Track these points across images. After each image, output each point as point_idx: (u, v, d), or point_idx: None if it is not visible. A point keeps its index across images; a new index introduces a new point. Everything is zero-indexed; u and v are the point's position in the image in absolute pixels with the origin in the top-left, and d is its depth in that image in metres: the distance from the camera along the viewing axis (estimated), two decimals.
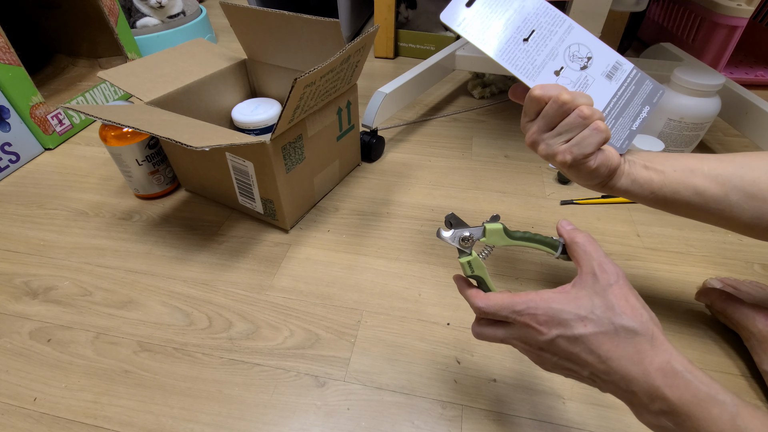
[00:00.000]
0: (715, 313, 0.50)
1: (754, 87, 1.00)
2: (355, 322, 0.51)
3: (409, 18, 1.19)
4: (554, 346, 0.28)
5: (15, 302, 0.53)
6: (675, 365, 0.25)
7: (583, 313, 0.27)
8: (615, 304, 0.27)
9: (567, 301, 0.28)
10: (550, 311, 0.28)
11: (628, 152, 0.37)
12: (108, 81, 0.58)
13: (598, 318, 0.26)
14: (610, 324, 0.26)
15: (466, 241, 0.33)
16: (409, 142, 0.82)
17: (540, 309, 0.28)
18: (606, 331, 0.26)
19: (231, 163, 0.57)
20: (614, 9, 0.72)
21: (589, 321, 0.27)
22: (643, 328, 0.26)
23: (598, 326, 0.26)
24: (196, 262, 0.58)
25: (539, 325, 0.28)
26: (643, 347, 0.26)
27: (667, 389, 0.25)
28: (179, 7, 1.10)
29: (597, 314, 0.27)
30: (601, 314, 0.26)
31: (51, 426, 0.42)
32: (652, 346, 0.26)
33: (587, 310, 0.27)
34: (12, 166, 0.75)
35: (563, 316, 0.27)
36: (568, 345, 0.27)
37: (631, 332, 0.26)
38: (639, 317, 0.26)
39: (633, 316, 0.26)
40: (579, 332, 0.27)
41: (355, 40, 0.52)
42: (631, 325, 0.26)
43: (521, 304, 0.29)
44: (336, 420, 0.42)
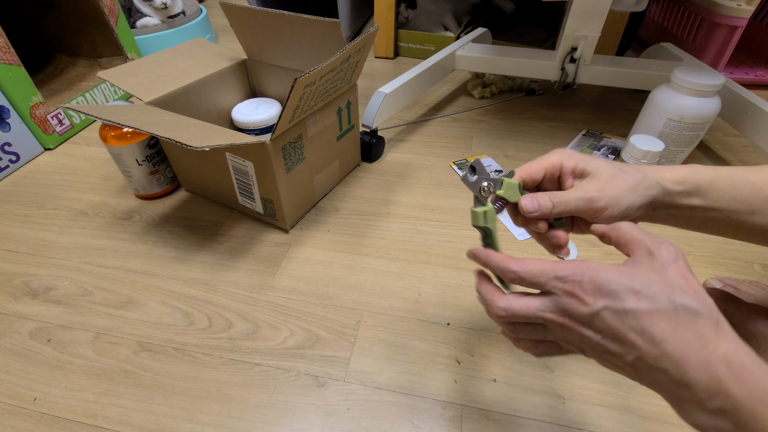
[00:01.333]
0: None
1: (754, 87, 1.00)
2: (355, 322, 0.51)
3: (409, 18, 1.19)
4: (598, 321, 0.24)
5: (15, 302, 0.53)
6: (743, 356, 0.22)
7: (638, 287, 0.23)
8: (675, 282, 0.23)
9: (619, 272, 0.24)
10: (598, 279, 0.24)
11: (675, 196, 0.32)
12: (108, 81, 0.58)
13: (655, 294, 0.23)
14: (669, 301, 0.22)
15: (484, 191, 0.32)
16: (409, 142, 0.82)
17: (587, 276, 0.24)
18: (663, 309, 0.22)
19: (231, 163, 0.57)
20: (614, 9, 0.72)
21: (643, 296, 0.23)
22: (707, 310, 0.22)
23: (653, 303, 0.23)
24: (196, 262, 0.58)
25: (584, 293, 0.24)
26: (706, 332, 0.22)
27: (732, 383, 0.21)
28: (179, 7, 1.10)
29: (654, 290, 0.23)
30: (658, 290, 0.23)
31: (51, 426, 0.42)
32: (717, 332, 0.22)
33: (643, 284, 0.23)
34: (12, 166, 0.75)
35: (613, 286, 0.23)
36: (615, 320, 0.23)
37: (694, 313, 0.22)
38: (702, 299, 0.23)
39: (695, 297, 0.23)
40: (630, 306, 0.23)
41: (355, 40, 0.52)
42: (694, 305, 0.22)
43: (565, 270, 0.25)
44: (336, 420, 0.42)
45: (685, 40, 1.02)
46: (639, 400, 0.43)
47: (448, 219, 0.65)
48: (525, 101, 0.96)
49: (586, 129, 0.85)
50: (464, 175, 0.32)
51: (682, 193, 0.32)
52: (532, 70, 0.85)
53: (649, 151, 0.63)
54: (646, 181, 0.31)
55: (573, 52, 0.78)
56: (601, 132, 0.84)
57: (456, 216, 0.65)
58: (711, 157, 0.78)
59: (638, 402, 0.43)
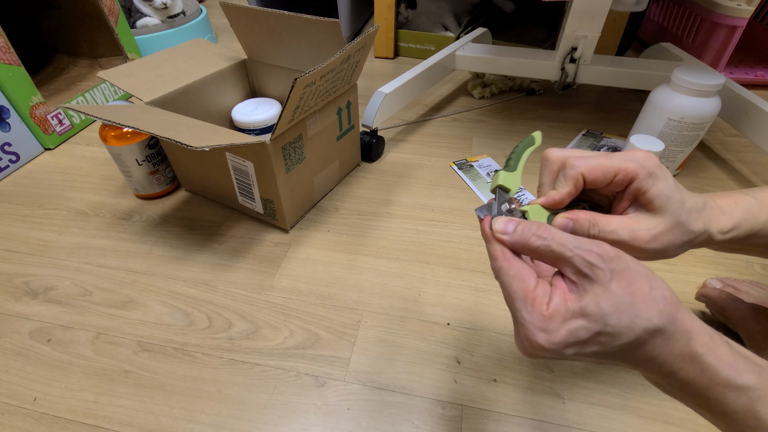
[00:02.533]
0: (716, 313, 0.50)
1: (754, 87, 1.00)
2: (355, 322, 0.51)
3: (409, 18, 1.19)
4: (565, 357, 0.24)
5: (15, 302, 0.53)
6: (695, 347, 0.23)
7: (597, 327, 0.22)
8: (627, 302, 0.22)
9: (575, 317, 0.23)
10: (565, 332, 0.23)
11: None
12: (108, 81, 0.58)
13: (614, 329, 0.22)
14: (630, 332, 0.22)
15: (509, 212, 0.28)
16: (409, 142, 0.82)
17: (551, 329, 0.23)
18: (627, 342, 0.23)
19: (231, 163, 0.57)
20: (614, 9, 0.72)
21: (605, 336, 0.23)
22: (663, 319, 0.22)
23: (617, 339, 0.23)
24: (196, 262, 0.58)
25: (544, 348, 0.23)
26: (664, 341, 0.23)
27: (681, 372, 0.23)
28: (179, 7, 1.10)
29: (612, 324, 0.22)
30: (616, 322, 0.22)
31: (51, 426, 0.42)
32: (672, 334, 0.23)
33: (600, 321, 0.22)
34: (12, 166, 0.75)
35: (576, 335, 0.23)
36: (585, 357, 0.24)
37: (653, 333, 0.22)
38: (654, 306, 0.22)
39: (648, 308, 0.22)
40: (598, 350, 0.23)
41: (355, 40, 0.52)
42: (652, 324, 0.22)
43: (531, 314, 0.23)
44: (336, 420, 0.42)
45: (685, 40, 1.02)
46: (639, 400, 0.43)
47: (448, 219, 0.65)
48: (525, 101, 0.96)
49: (586, 129, 0.86)
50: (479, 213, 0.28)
51: (727, 240, 0.30)
52: (532, 70, 0.85)
53: (649, 151, 0.63)
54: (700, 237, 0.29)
55: (573, 52, 0.78)
56: (601, 132, 0.84)
57: (456, 216, 0.65)
58: (711, 157, 0.78)
59: (638, 402, 0.43)
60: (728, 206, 0.30)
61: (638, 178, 0.27)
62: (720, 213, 0.29)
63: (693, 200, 0.28)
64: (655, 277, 0.24)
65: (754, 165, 0.76)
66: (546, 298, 0.23)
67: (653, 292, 0.23)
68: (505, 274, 0.25)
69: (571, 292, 0.23)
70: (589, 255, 0.23)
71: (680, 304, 0.24)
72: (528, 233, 0.24)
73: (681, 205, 0.27)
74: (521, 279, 0.24)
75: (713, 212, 0.29)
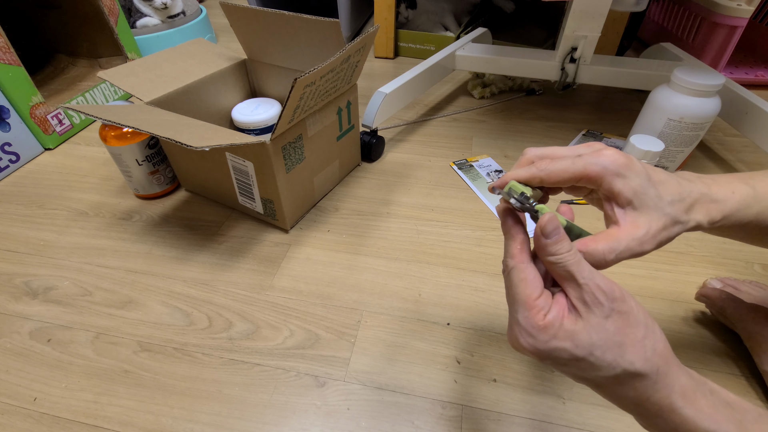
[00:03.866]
0: (715, 313, 0.50)
1: (754, 87, 1.00)
2: (355, 322, 0.51)
3: (409, 18, 1.19)
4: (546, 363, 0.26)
5: (15, 302, 0.53)
6: (674, 401, 0.24)
7: (581, 354, 0.24)
8: (616, 342, 0.24)
9: (564, 337, 0.24)
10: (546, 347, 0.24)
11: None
12: (108, 81, 0.58)
13: (598, 361, 0.24)
14: (611, 369, 0.24)
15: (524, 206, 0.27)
16: (409, 142, 0.82)
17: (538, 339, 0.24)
18: (606, 376, 0.24)
19: (231, 163, 0.57)
20: (614, 9, 0.72)
21: (586, 363, 0.24)
22: (646, 366, 0.24)
23: (595, 370, 0.24)
24: (196, 262, 0.58)
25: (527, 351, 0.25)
26: (643, 386, 0.24)
27: (660, 420, 0.24)
28: (179, 7, 1.10)
29: (596, 356, 0.24)
30: (601, 355, 0.23)
31: (51, 426, 0.42)
32: (654, 383, 0.24)
33: (586, 350, 0.24)
34: (12, 166, 0.75)
35: (557, 354, 0.24)
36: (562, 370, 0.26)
37: (633, 375, 0.24)
38: (642, 352, 0.24)
39: (635, 352, 0.23)
40: (574, 372, 0.25)
41: (355, 40, 0.52)
42: (634, 367, 0.23)
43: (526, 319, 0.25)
44: (336, 420, 0.42)
45: (685, 40, 1.02)
46: None
47: (448, 219, 0.65)
48: (525, 101, 0.96)
49: (586, 129, 0.85)
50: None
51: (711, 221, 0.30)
52: (532, 70, 0.85)
53: (649, 151, 0.63)
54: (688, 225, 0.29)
55: (573, 52, 0.78)
56: (601, 132, 0.84)
57: (456, 216, 0.65)
58: (711, 157, 0.78)
59: None
60: (723, 196, 0.30)
61: (603, 180, 0.27)
62: (712, 203, 0.29)
63: (677, 191, 0.28)
64: (654, 327, 0.25)
65: (754, 165, 0.76)
66: (545, 310, 0.24)
67: (645, 341, 0.24)
68: (516, 275, 0.26)
69: (569, 312, 0.25)
70: (597, 289, 0.24)
71: (670, 358, 0.25)
72: (562, 249, 0.25)
73: (659, 199, 0.27)
74: (528, 285, 0.25)
75: (704, 203, 0.29)
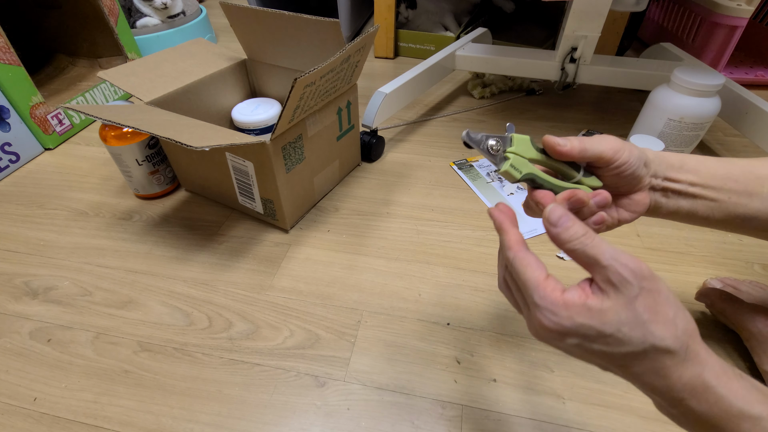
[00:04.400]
0: (715, 313, 0.50)
1: (754, 87, 1.00)
2: (355, 322, 0.51)
3: (409, 18, 1.19)
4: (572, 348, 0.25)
5: (15, 302, 0.53)
6: (707, 379, 0.23)
7: (609, 331, 0.23)
8: (646, 320, 0.23)
9: (590, 315, 0.24)
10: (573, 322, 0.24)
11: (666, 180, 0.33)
12: (108, 81, 0.58)
13: (626, 336, 0.23)
14: (640, 343, 0.23)
15: (494, 148, 0.29)
16: (409, 142, 0.82)
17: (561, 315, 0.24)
18: (633, 352, 0.24)
19: (231, 163, 0.57)
20: (614, 9, 0.72)
21: (613, 339, 0.23)
22: (676, 343, 0.23)
23: (623, 345, 0.24)
24: (196, 262, 0.58)
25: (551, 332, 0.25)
26: (673, 363, 0.24)
27: (693, 401, 0.23)
28: (179, 7, 1.10)
29: (624, 332, 0.23)
30: (629, 332, 0.23)
31: (51, 426, 0.42)
32: (684, 360, 0.24)
33: (614, 327, 0.23)
34: (12, 166, 0.75)
35: (583, 331, 0.24)
36: (589, 352, 0.25)
37: (662, 351, 0.23)
38: (672, 330, 0.23)
39: (665, 329, 0.23)
40: (598, 348, 0.24)
41: (355, 40, 0.52)
42: (664, 344, 0.23)
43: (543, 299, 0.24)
44: (336, 420, 0.42)
45: (685, 40, 1.02)
46: (639, 400, 0.43)
47: (448, 219, 0.65)
48: (525, 101, 0.96)
49: (586, 129, 0.85)
50: (465, 135, 0.29)
51: (671, 166, 0.33)
52: (532, 70, 0.85)
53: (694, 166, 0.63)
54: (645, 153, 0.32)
55: (573, 52, 0.78)
56: (601, 132, 0.84)
57: (456, 216, 0.65)
58: None
59: (638, 402, 0.43)
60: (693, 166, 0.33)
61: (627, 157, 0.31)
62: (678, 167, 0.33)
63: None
64: (682, 308, 0.25)
65: None
66: (559, 287, 0.25)
67: (675, 319, 0.24)
68: (519, 263, 0.26)
69: (594, 293, 0.24)
70: (623, 268, 0.23)
71: (698, 338, 0.25)
72: (576, 234, 0.25)
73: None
74: (534, 267, 0.25)
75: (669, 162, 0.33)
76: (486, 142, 0.29)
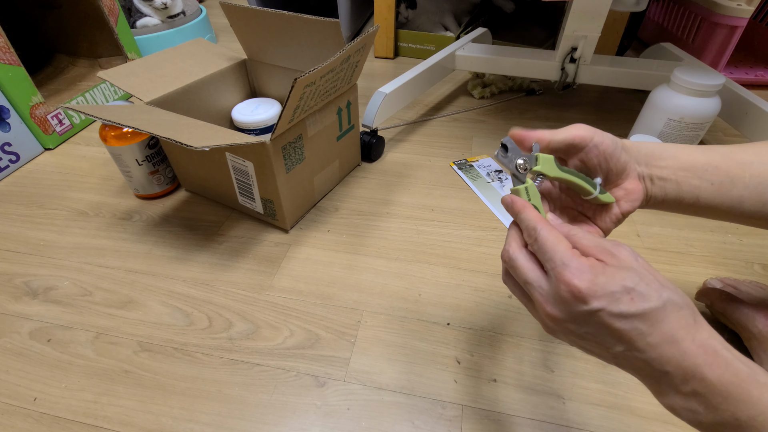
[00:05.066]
0: (716, 313, 0.50)
1: (754, 87, 1.00)
2: (355, 322, 0.51)
3: (409, 18, 1.19)
4: (593, 318, 0.24)
5: (15, 302, 0.53)
6: (715, 343, 0.23)
7: (630, 285, 0.23)
8: (657, 278, 0.24)
9: (612, 274, 0.24)
10: (597, 280, 0.24)
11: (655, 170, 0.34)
12: (108, 81, 0.58)
13: (646, 290, 0.23)
14: (658, 298, 0.23)
15: (520, 168, 0.31)
16: (409, 142, 0.82)
17: (588, 276, 0.24)
18: (654, 307, 0.23)
19: (231, 163, 0.57)
20: (614, 9, 0.72)
21: (636, 294, 0.23)
22: (685, 300, 0.24)
23: (646, 301, 0.23)
24: (196, 262, 0.58)
25: (582, 292, 0.24)
26: (688, 322, 0.23)
27: (706, 368, 0.23)
28: (179, 7, 1.10)
29: (643, 287, 0.24)
30: (647, 286, 0.24)
31: (51, 426, 0.42)
32: (695, 321, 0.24)
33: (634, 281, 0.24)
34: (12, 166, 0.75)
35: (609, 287, 0.23)
36: (609, 320, 0.24)
37: (677, 306, 0.23)
38: (680, 291, 0.24)
39: (674, 289, 0.24)
40: (625, 309, 0.23)
41: (355, 40, 0.52)
42: (677, 298, 0.24)
43: (574, 261, 0.24)
44: (336, 420, 0.42)
45: (685, 40, 1.02)
46: (639, 400, 0.43)
47: (448, 219, 0.65)
48: (525, 101, 0.96)
49: None
50: (497, 153, 0.32)
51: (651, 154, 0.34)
52: (532, 70, 0.85)
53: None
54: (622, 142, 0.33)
55: (573, 52, 0.78)
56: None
57: (456, 216, 0.65)
58: None
59: (638, 402, 0.43)
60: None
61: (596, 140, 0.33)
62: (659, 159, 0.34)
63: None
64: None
65: None
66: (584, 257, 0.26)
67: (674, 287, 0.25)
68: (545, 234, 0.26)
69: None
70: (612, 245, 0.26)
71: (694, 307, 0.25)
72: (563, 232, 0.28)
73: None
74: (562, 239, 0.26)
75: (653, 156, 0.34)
76: (515, 161, 0.31)
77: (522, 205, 0.29)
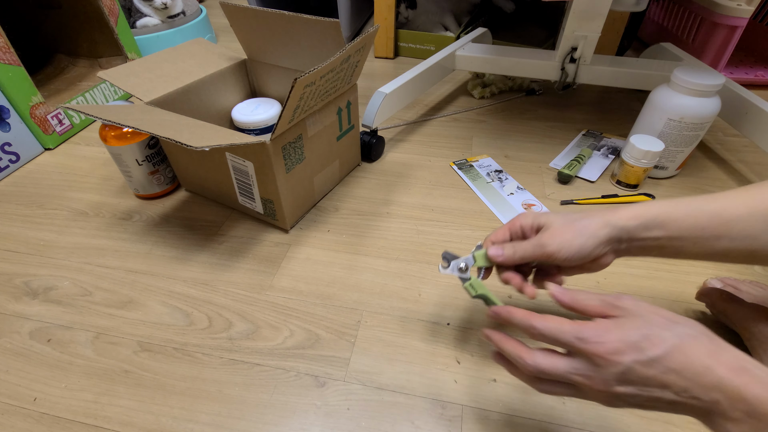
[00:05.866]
0: (716, 313, 0.50)
1: (754, 87, 1.00)
2: (355, 322, 0.51)
3: (409, 18, 1.19)
4: (630, 375, 0.26)
5: (15, 302, 0.53)
6: (743, 363, 0.24)
7: (645, 330, 0.25)
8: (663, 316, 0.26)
9: (629, 326, 0.26)
10: (619, 336, 0.26)
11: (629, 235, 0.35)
12: (108, 81, 0.58)
13: (659, 332, 0.25)
14: (672, 335, 0.25)
15: (463, 270, 0.39)
16: (409, 142, 0.82)
17: (608, 337, 0.26)
18: (675, 344, 0.25)
19: (231, 163, 0.57)
20: (614, 9, 0.72)
21: (654, 337, 0.25)
22: (697, 328, 0.25)
23: (664, 341, 0.25)
24: (196, 262, 0.58)
25: (609, 353, 0.26)
26: (709, 348, 0.25)
27: (744, 388, 0.24)
28: (179, 7, 1.11)
29: (657, 331, 0.25)
30: (658, 327, 0.26)
31: (51, 426, 0.42)
32: (713, 343, 0.25)
33: (646, 326, 0.26)
34: (12, 166, 0.75)
35: (632, 338, 0.25)
36: (644, 369, 0.25)
37: (691, 336, 0.25)
38: (690, 321, 0.26)
39: (681, 319, 0.26)
40: (652, 354, 0.25)
41: (355, 40, 0.52)
42: (688, 329, 0.25)
43: (586, 331, 0.27)
44: (336, 420, 0.42)
45: (685, 40, 1.02)
46: None
47: (448, 219, 0.65)
48: (525, 101, 0.96)
49: (586, 129, 0.86)
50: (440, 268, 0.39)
51: (639, 227, 0.34)
52: (532, 70, 0.85)
53: (649, 151, 0.63)
54: (595, 224, 0.34)
55: (573, 52, 0.78)
56: (601, 132, 0.84)
57: (456, 216, 0.65)
58: (711, 158, 0.78)
59: None
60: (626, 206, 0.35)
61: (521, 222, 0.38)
62: (619, 208, 0.35)
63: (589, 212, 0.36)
64: None
65: (754, 165, 0.76)
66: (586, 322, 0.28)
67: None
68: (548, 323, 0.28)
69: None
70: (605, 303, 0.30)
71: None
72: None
73: (570, 214, 0.36)
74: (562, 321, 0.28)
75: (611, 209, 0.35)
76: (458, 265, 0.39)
77: (507, 313, 0.32)
